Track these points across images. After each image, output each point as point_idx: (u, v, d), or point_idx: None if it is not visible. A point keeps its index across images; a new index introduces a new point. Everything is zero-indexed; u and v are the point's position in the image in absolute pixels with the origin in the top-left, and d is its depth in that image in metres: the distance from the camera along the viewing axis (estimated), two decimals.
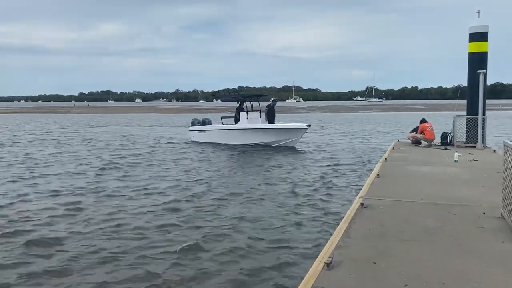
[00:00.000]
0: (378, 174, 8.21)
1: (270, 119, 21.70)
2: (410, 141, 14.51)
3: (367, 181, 7.92)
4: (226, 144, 21.66)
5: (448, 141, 14.03)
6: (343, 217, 5.77)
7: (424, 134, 13.86)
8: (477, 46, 13.44)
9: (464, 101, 14.25)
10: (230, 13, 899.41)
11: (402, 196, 6.66)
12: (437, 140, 14.28)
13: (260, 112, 22.35)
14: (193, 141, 23.60)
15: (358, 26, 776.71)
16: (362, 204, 5.98)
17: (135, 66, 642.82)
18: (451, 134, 14.13)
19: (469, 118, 13.55)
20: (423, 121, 14.57)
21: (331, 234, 5.16)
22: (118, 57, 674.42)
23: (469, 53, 13.70)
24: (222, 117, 23.90)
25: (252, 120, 21.92)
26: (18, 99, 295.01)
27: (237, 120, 22.57)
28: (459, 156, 10.37)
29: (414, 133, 14.42)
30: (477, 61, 13.36)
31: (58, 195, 10.27)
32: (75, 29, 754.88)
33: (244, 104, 22.74)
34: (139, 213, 8.73)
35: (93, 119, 53.13)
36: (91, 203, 9.52)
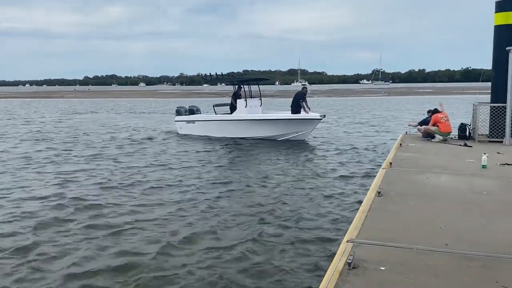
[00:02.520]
0: (379, 192, 5.79)
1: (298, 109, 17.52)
2: (419, 132, 12.11)
3: (362, 204, 5.48)
4: (220, 137, 18.31)
5: (467, 135, 11.56)
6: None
7: (438, 126, 11.36)
8: (506, 17, 10.87)
9: (482, 84, 11.77)
10: None
11: (415, 238, 4.28)
12: (454, 132, 11.81)
13: (261, 99, 19.33)
14: (180, 134, 20.05)
15: (364, 8, 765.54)
16: (349, 263, 3.59)
17: (140, 50, 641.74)
18: (471, 126, 11.64)
19: (494, 106, 11.03)
20: (435, 111, 12.06)
21: None
22: (124, 41, 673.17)
23: (495, 26, 11.14)
24: (215, 105, 20.35)
25: (252, 108, 18.55)
26: (23, 83, 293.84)
27: (233, 108, 19.09)
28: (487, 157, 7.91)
29: (423, 125, 11.96)
30: (506, 36, 10.80)
31: None
32: (81, 12, 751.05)
33: (242, 89, 19.27)
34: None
35: (84, 104, 50.74)
36: None
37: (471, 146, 10.20)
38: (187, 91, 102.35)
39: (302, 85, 21.64)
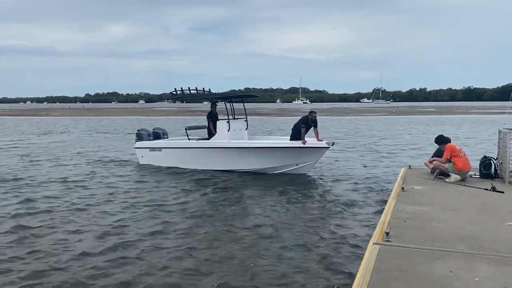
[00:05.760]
0: None
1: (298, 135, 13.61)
2: (427, 167, 9.16)
3: None
4: (196, 170, 14.25)
5: (493, 172, 8.56)
6: None
7: (454, 162, 8.37)
8: None
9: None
10: (238, 15, 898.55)
11: None
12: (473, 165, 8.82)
13: (246, 121, 15.32)
14: (141, 164, 15.69)
15: (365, 27, 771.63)
16: None
17: (143, 68, 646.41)
18: (498, 160, 8.66)
19: None
20: (444, 139, 9.05)
21: None
22: (126, 59, 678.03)
23: None
24: (187, 128, 15.98)
25: (236, 132, 14.57)
26: (25, 100, 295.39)
27: (210, 132, 15.02)
28: None
29: (435, 159, 8.99)
30: None
31: None
32: (84, 30, 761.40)
33: (218, 107, 15.49)
34: None
35: (64, 124, 47.72)
36: None
37: (502, 192, 7.22)
38: (185, 109, 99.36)
39: (305, 105, 17.66)
